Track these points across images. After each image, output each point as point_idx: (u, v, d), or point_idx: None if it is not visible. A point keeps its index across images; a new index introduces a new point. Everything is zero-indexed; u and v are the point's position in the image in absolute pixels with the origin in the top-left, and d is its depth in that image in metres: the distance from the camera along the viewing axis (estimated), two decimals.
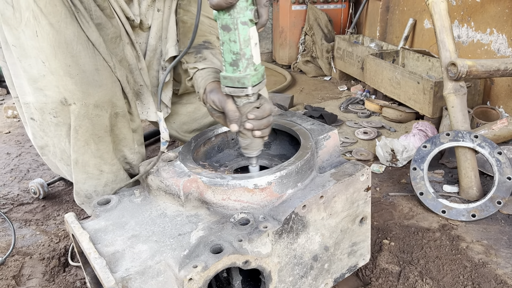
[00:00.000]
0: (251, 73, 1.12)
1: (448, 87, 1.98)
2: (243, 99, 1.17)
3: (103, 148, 1.40)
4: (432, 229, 1.76)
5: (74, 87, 1.29)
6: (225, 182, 1.19)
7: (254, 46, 1.10)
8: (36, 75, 1.29)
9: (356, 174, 1.29)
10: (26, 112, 1.41)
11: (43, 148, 1.48)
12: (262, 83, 1.17)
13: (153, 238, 1.14)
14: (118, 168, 1.47)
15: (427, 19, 3.30)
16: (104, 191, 1.47)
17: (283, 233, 1.16)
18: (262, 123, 1.19)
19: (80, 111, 1.31)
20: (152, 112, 1.61)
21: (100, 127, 1.36)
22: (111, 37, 1.39)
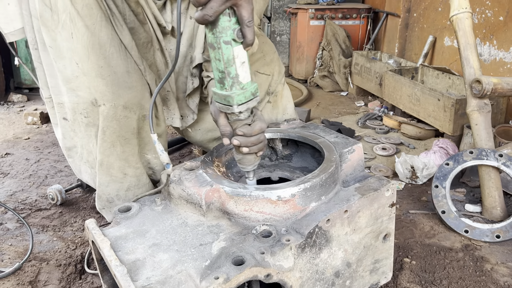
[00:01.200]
0: (236, 92, 1.11)
1: (472, 104, 1.95)
2: (233, 116, 1.17)
3: (128, 151, 1.41)
4: (455, 249, 1.72)
5: (105, 88, 1.31)
6: (248, 193, 1.17)
7: (240, 65, 1.09)
8: (70, 75, 1.32)
9: (381, 189, 1.26)
10: (59, 112, 1.44)
11: (70, 149, 1.50)
12: (251, 101, 1.15)
13: (174, 247, 1.12)
14: (141, 172, 1.47)
15: (447, 37, 3.28)
16: (126, 195, 1.47)
17: (306, 247, 1.14)
18: (250, 140, 1.18)
19: (109, 112, 1.33)
20: (177, 118, 1.61)
21: (127, 129, 1.37)
22: (143, 42, 1.41)
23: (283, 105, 1.80)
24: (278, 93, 1.78)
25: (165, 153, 1.25)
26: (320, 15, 4.27)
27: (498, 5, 2.73)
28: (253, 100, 1.16)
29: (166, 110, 1.61)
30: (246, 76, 1.13)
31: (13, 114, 3.52)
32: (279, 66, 1.80)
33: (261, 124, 1.19)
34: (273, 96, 1.77)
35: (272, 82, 1.75)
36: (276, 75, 1.76)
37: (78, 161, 1.51)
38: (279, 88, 1.78)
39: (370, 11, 4.34)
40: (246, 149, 1.20)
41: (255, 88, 1.16)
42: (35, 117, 3.20)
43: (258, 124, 1.18)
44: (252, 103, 1.16)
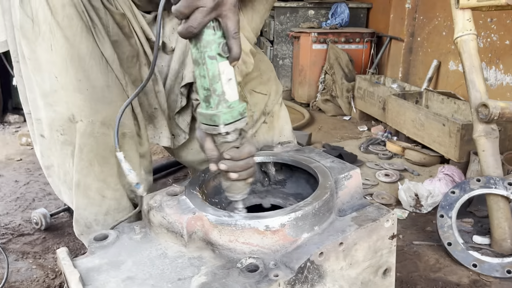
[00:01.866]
0: (223, 111, 1.03)
1: (479, 129, 1.85)
2: (219, 137, 1.08)
3: (107, 171, 1.32)
4: (463, 285, 1.59)
5: (82, 103, 1.24)
6: (233, 222, 1.07)
7: (226, 82, 1.02)
8: (48, 89, 1.26)
9: (381, 220, 1.15)
10: (37, 129, 1.37)
11: (48, 168, 1.42)
12: (239, 122, 1.07)
13: (150, 281, 1.01)
14: (121, 194, 1.37)
15: (452, 61, 3.21)
16: (105, 220, 1.37)
17: (296, 284, 1.02)
18: (238, 165, 1.09)
19: (86, 129, 1.26)
20: (164, 137, 1.53)
21: (105, 147, 1.29)
22: (128, 55, 1.34)
23: (279, 126, 1.72)
24: (275, 113, 1.70)
25: (133, 172, 1.16)
26: (323, 39, 4.23)
27: (504, 28, 2.67)
28: (241, 121, 1.08)
29: (152, 128, 1.52)
30: (233, 94, 1.05)
31: (8, 135, 3.46)
32: (276, 85, 1.72)
33: (250, 147, 1.10)
34: (269, 116, 1.69)
35: (268, 102, 1.67)
36: (273, 94, 1.68)
37: (57, 180, 1.43)
38: (276, 109, 1.70)
39: (373, 35, 4.30)
40: (234, 175, 1.11)
41: (243, 108, 1.08)
42: (29, 138, 3.13)
43: (247, 147, 1.09)
44: (240, 124, 1.07)
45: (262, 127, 1.68)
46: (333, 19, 4.49)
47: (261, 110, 1.66)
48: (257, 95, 1.64)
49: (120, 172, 1.38)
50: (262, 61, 1.68)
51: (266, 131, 1.68)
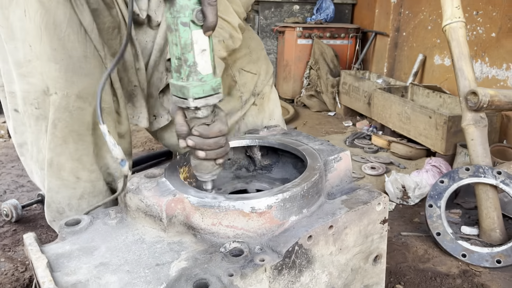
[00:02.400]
0: (193, 84, 0.96)
1: (467, 118, 1.82)
2: (190, 112, 1.01)
3: (82, 149, 1.23)
4: (452, 275, 1.55)
5: (57, 74, 1.15)
6: (216, 203, 0.99)
7: (199, 53, 0.96)
8: (21, 59, 1.17)
9: (372, 202, 1.09)
10: (11, 102, 1.28)
11: (21, 146, 1.33)
12: (211, 97, 0.99)
13: (125, 267, 0.93)
14: (97, 177, 1.28)
15: (437, 55, 3.19)
16: (79, 205, 1.28)
17: (284, 269, 0.96)
18: (207, 142, 1.02)
19: (61, 102, 1.17)
20: (144, 118, 1.43)
21: (81, 123, 1.20)
22: (108, 26, 1.25)
23: (270, 109, 1.64)
24: (265, 95, 1.62)
25: (118, 147, 1.07)
26: (308, 34, 4.19)
27: (490, 21, 2.66)
28: (214, 97, 1.00)
29: (131, 107, 1.43)
30: (206, 66, 0.98)
31: None
32: (266, 65, 1.64)
33: (221, 125, 1.03)
34: (259, 98, 1.61)
35: (258, 82, 1.59)
36: (263, 74, 1.61)
37: (29, 159, 1.33)
38: (266, 90, 1.62)
39: (358, 31, 4.27)
40: (202, 153, 1.04)
41: (217, 83, 1.00)
42: (3, 130, 2.99)
43: (218, 125, 1.02)
44: (212, 100, 1.00)
45: (251, 109, 1.60)
46: (318, 14, 4.46)
47: (251, 91, 1.58)
48: (246, 75, 1.56)
49: (96, 152, 1.29)
50: (251, 38, 1.60)
51: (255, 113, 1.60)
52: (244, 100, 1.57)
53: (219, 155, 1.05)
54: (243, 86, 1.56)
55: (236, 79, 1.54)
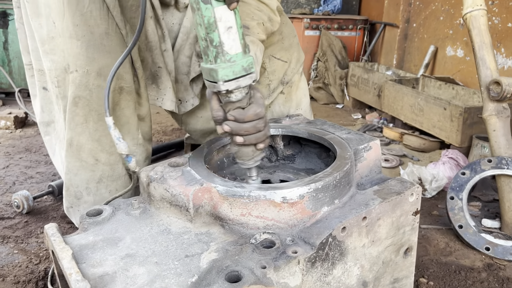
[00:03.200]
0: (222, 65, 0.91)
1: (489, 108, 1.77)
2: (223, 96, 0.96)
3: (101, 130, 1.21)
4: (476, 269, 1.51)
5: (78, 50, 1.13)
6: (246, 193, 0.95)
7: (225, 31, 0.90)
8: (45, 36, 1.14)
9: (405, 193, 1.06)
10: (39, 80, 1.26)
11: (48, 125, 1.30)
12: (243, 79, 0.93)
13: (153, 259, 0.89)
14: (116, 160, 1.25)
15: (450, 46, 3.14)
16: (98, 189, 1.25)
17: (317, 261, 0.92)
18: (243, 127, 0.97)
19: (81, 80, 1.14)
20: (168, 100, 1.39)
21: (100, 102, 1.18)
22: (131, 4, 1.22)
23: (297, 98, 1.59)
24: (294, 83, 1.57)
25: (123, 141, 1.03)
26: (315, 25, 4.13)
27: (506, 11, 2.61)
28: (246, 78, 0.94)
29: (155, 88, 1.38)
30: (234, 45, 0.92)
31: None
32: (298, 52, 1.58)
33: (257, 108, 0.97)
34: (287, 86, 1.56)
35: (288, 71, 1.54)
36: (293, 62, 1.55)
37: (54, 139, 1.30)
38: (296, 78, 1.57)
39: (366, 22, 4.22)
40: (240, 139, 0.99)
41: (249, 63, 0.93)
42: (9, 121, 2.95)
43: (253, 108, 0.97)
44: (245, 81, 0.94)
45: (279, 97, 1.54)
46: (325, 5, 4.40)
47: (279, 79, 1.53)
48: (277, 62, 1.50)
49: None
50: (285, 24, 1.53)
51: (282, 102, 1.55)
52: (272, 88, 1.52)
53: (259, 139, 1.00)
54: (272, 73, 1.51)
55: (265, 66, 1.49)
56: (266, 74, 1.51)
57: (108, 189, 1.26)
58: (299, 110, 1.58)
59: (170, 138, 2.92)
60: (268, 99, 1.52)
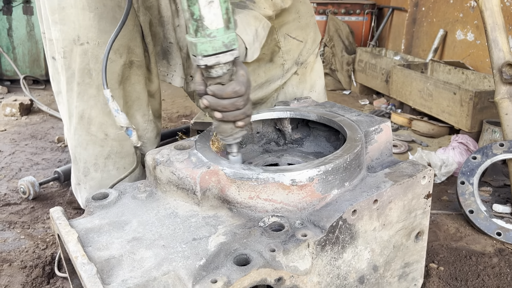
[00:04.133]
0: (201, 40, 0.88)
1: (502, 91, 1.73)
2: (204, 71, 0.94)
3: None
4: (488, 254, 1.49)
5: (91, 23, 1.13)
6: (254, 176, 0.93)
7: (206, 5, 0.87)
8: (56, 6, 1.13)
9: (417, 176, 1.03)
10: (50, 50, 1.25)
11: (58, 94, 1.32)
12: (224, 55, 0.90)
13: (160, 242, 0.88)
14: (125, 136, 1.24)
15: (460, 30, 3.08)
16: (106, 165, 1.25)
17: (327, 245, 0.90)
18: (221, 104, 0.95)
19: (93, 52, 1.14)
20: (178, 77, 1.37)
21: (110, 74, 1.17)
22: None
23: (312, 80, 1.56)
24: (309, 64, 1.53)
25: (122, 114, 1.00)
26: (322, 10, 4.07)
27: None
28: (227, 54, 0.91)
29: (166, 64, 1.37)
30: (215, 20, 0.89)
31: None
32: (314, 32, 1.54)
33: (236, 85, 0.94)
34: (302, 67, 1.52)
35: (303, 51, 1.50)
36: (309, 43, 1.51)
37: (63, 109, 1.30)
38: (311, 59, 1.53)
39: (374, 7, 4.14)
40: (218, 114, 0.98)
41: (230, 39, 0.90)
42: (14, 108, 2.94)
43: (232, 85, 0.95)
44: (225, 58, 0.91)
45: (292, 78, 1.51)
46: None
47: (294, 59, 1.49)
48: (292, 41, 1.46)
49: (126, 110, 1.26)
50: (302, 2, 1.49)
51: (296, 83, 1.52)
52: (286, 68, 1.49)
53: (237, 117, 0.98)
54: (286, 53, 1.47)
55: (280, 45, 1.46)
56: (281, 54, 1.47)
57: (116, 166, 1.26)
58: (313, 92, 1.54)
59: (176, 125, 2.90)
60: (282, 79, 1.49)
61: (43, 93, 3.62)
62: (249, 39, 1.13)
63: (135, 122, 1.29)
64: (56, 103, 1.40)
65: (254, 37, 1.14)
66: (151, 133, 1.33)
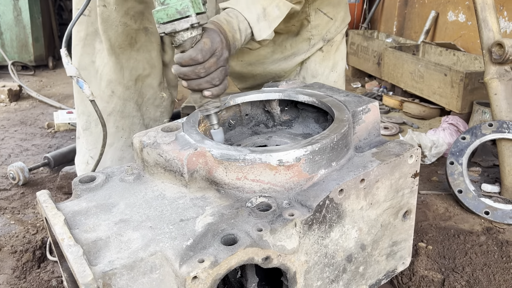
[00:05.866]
0: (157, 8, 0.91)
1: (491, 71, 1.73)
2: (171, 40, 0.97)
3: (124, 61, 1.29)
4: (475, 232, 1.51)
5: None
6: (241, 156, 0.93)
7: None
8: None
9: (404, 155, 1.03)
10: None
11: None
12: (178, 22, 0.92)
13: (147, 223, 0.88)
14: (130, 96, 1.34)
15: (451, 11, 3.07)
16: (107, 121, 1.30)
17: (314, 224, 0.91)
18: (182, 71, 0.97)
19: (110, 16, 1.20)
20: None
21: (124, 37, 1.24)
22: None
23: (335, 59, 1.55)
24: (335, 43, 1.52)
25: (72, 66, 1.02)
26: None
27: None
28: (182, 21, 0.92)
29: None
30: None
31: None
32: (345, 12, 1.53)
33: (192, 53, 0.95)
34: (328, 45, 1.51)
35: (332, 28, 1.48)
36: (339, 21, 1.50)
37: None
38: (338, 38, 1.52)
39: None
40: (183, 82, 1.00)
41: (183, 6, 0.91)
42: (3, 95, 2.91)
43: (189, 53, 0.96)
44: (180, 25, 0.92)
45: (316, 54, 1.50)
46: None
47: (322, 35, 1.48)
48: (322, 17, 1.45)
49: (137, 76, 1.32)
50: None
51: (320, 60, 1.51)
52: (312, 43, 1.47)
53: (201, 86, 0.99)
54: (315, 28, 1.46)
55: (310, 18, 1.44)
56: (309, 28, 1.45)
57: (115, 124, 1.33)
58: (334, 72, 1.53)
59: None
60: (306, 54, 1.48)
61: (32, 79, 3.58)
62: (252, 17, 1.12)
63: (152, 90, 1.35)
64: (45, 90, 1.48)
65: (259, 16, 1.13)
66: (166, 101, 1.40)
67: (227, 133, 1.27)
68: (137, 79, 1.33)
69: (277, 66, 1.51)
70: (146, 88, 1.36)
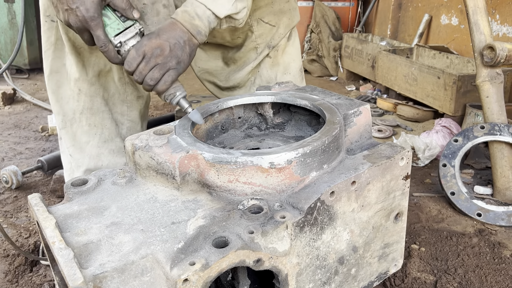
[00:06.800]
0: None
1: (483, 74, 1.75)
2: None
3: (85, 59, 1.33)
4: (468, 234, 1.51)
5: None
6: (233, 159, 0.93)
7: None
8: None
9: (395, 157, 1.04)
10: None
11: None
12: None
13: (139, 226, 0.88)
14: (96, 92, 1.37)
15: (444, 15, 3.09)
16: (80, 120, 1.38)
17: (305, 226, 0.91)
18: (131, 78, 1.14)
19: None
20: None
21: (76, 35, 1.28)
22: None
23: (285, 62, 1.58)
24: (280, 47, 1.56)
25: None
26: None
27: None
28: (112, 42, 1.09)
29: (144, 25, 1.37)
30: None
31: None
32: (289, 18, 1.56)
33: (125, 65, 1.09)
34: (273, 50, 1.56)
35: (275, 35, 1.53)
36: (282, 28, 1.54)
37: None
38: (282, 42, 1.56)
39: None
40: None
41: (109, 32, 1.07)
42: None
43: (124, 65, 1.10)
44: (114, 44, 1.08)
45: (265, 61, 1.55)
46: None
47: (266, 43, 1.53)
48: (264, 26, 1.50)
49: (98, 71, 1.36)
50: None
51: (269, 66, 1.56)
52: (259, 51, 1.53)
53: (146, 87, 1.10)
54: (259, 37, 1.51)
55: (253, 29, 1.49)
56: (254, 38, 1.51)
57: (88, 122, 1.38)
58: (287, 75, 1.56)
59: (162, 113, 2.89)
60: (255, 62, 1.53)
61: (27, 82, 3.57)
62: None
63: (115, 85, 1.41)
64: (39, 93, 1.53)
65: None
66: (131, 95, 1.44)
67: (219, 137, 1.27)
68: (99, 75, 1.37)
69: (232, 80, 1.59)
70: (110, 83, 1.41)
